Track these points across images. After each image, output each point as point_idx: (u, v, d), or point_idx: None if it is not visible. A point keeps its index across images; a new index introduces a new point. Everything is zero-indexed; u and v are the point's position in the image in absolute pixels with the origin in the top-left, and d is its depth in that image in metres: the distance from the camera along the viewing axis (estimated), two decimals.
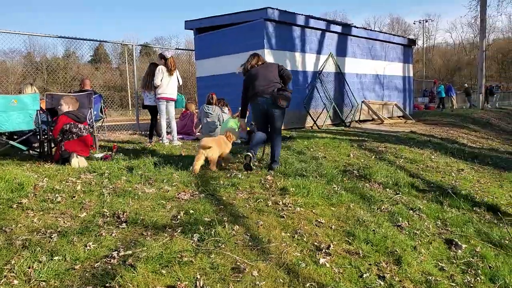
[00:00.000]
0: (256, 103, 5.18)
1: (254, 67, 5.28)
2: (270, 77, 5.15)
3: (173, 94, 7.14)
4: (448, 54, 65.17)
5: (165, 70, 6.96)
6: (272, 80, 5.13)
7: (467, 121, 15.39)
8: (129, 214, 3.44)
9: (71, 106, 5.26)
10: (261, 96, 5.10)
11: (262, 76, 5.13)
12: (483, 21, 20.05)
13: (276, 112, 5.15)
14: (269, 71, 5.21)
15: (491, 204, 5.01)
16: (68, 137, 4.92)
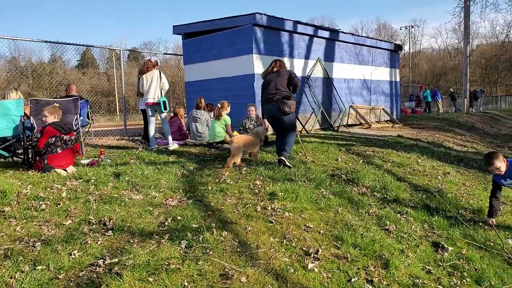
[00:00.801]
0: (266, 108, 5.73)
1: (269, 74, 5.81)
2: (278, 85, 5.59)
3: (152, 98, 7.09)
4: (433, 59, 66.20)
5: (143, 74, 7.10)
6: (279, 89, 5.57)
7: (452, 125, 15.62)
8: (116, 221, 3.39)
9: (56, 115, 5.13)
10: (269, 103, 5.61)
11: (273, 84, 5.63)
12: (466, 27, 20.41)
13: (283, 117, 5.57)
14: (279, 79, 5.65)
15: (476, 207, 5.07)
16: (52, 150, 4.82)
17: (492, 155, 4.47)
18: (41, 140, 4.85)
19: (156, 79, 7.09)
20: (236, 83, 9.53)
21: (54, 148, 4.82)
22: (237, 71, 9.45)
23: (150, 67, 7.12)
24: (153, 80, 7.08)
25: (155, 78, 7.09)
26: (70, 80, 23.09)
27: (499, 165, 4.35)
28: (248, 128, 7.56)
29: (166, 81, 7.24)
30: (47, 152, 4.81)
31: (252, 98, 9.07)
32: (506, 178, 4.41)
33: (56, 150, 4.84)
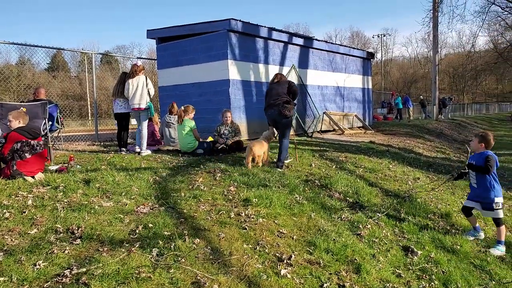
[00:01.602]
0: (268, 113, 6.39)
1: (272, 84, 6.55)
2: (279, 92, 6.26)
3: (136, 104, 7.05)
4: (404, 67, 68.21)
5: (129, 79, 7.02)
6: (280, 95, 6.22)
7: (422, 131, 16.07)
8: (85, 229, 3.29)
9: (21, 120, 4.93)
10: (271, 108, 6.25)
11: (274, 92, 6.30)
12: (435, 37, 21.14)
13: (282, 120, 6.22)
14: (280, 87, 6.34)
15: (444, 211, 5.22)
16: (20, 156, 4.64)
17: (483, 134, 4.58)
18: (5, 146, 4.66)
19: (142, 84, 7.04)
20: (211, 88, 9.49)
21: (22, 153, 4.64)
22: (212, 77, 9.43)
23: (137, 71, 7.06)
24: (139, 85, 7.02)
25: (141, 83, 7.03)
26: (39, 83, 22.40)
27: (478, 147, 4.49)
28: (223, 134, 7.54)
29: (152, 86, 7.20)
30: (14, 158, 4.63)
31: (227, 104, 9.06)
32: (472, 159, 4.57)
33: (25, 156, 4.66)
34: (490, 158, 4.33)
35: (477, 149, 4.51)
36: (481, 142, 4.47)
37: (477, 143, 4.49)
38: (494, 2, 19.98)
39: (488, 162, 4.29)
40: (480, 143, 4.47)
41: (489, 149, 4.48)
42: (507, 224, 5.24)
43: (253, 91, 9.90)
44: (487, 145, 4.46)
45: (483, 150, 4.46)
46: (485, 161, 4.33)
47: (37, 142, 4.86)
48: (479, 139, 4.49)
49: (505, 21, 25.68)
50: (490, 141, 4.46)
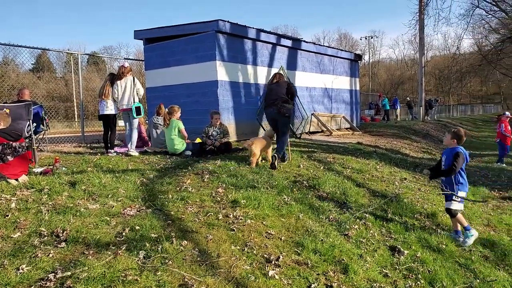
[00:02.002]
0: (267, 112, 6.81)
1: (272, 84, 6.86)
2: (278, 93, 6.61)
3: (126, 105, 7.09)
4: (392, 69, 68.97)
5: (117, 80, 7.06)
6: (279, 95, 6.57)
7: (409, 132, 16.26)
8: (70, 232, 3.25)
9: (2, 122, 4.85)
10: (270, 107, 6.63)
11: (274, 92, 6.65)
12: (421, 39, 21.42)
13: (281, 119, 6.60)
14: (279, 88, 6.68)
15: (430, 211, 5.28)
16: (2, 158, 4.55)
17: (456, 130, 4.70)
18: None
19: (130, 85, 7.09)
20: (199, 89, 9.46)
21: (4, 156, 4.55)
22: (200, 78, 9.39)
23: (125, 73, 7.11)
24: (127, 86, 7.08)
25: (129, 84, 7.09)
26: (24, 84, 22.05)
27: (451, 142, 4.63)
28: (211, 135, 7.51)
29: (141, 86, 7.25)
30: None
31: (216, 105, 9.03)
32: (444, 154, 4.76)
33: (7, 158, 4.57)
34: (459, 155, 4.46)
35: (450, 144, 4.67)
36: (453, 138, 4.62)
37: (450, 139, 4.65)
38: (479, 5, 20.37)
39: (456, 160, 4.43)
40: (453, 139, 4.62)
41: (460, 145, 4.63)
42: (491, 223, 5.33)
43: (241, 92, 9.90)
44: (459, 141, 4.61)
45: (455, 145, 4.61)
46: (453, 158, 4.47)
47: (20, 144, 4.77)
48: (452, 135, 4.65)
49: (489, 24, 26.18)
50: (462, 137, 4.63)
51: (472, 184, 7.35)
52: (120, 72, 7.14)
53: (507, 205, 6.33)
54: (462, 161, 4.49)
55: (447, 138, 4.70)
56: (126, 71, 7.12)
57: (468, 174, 8.47)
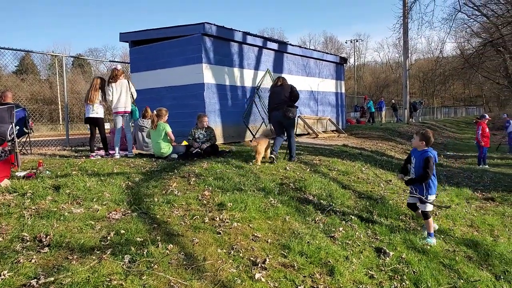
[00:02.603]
0: (272, 115, 7.22)
1: (276, 87, 7.24)
2: (282, 96, 7.04)
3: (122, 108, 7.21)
4: (377, 72, 69.75)
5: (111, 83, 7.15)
6: (283, 99, 7.02)
7: (394, 134, 16.46)
8: (53, 237, 3.20)
9: None
10: (276, 110, 7.07)
11: (278, 95, 7.09)
12: (405, 42, 21.73)
13: (286, 121, 7.10)
14: (284, 91, 7.07)
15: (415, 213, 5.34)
16: None
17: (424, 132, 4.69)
18: None
19: (125, 88, 7.22)
20: (185, 92, 9.42)
21: None
22: (186, 80, 9.36)
23: (119, 75, 7.21)
24: (122, 89, 7.20)
25: (125, 87, 7.22)
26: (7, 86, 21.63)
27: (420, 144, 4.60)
28: (198, 138, 7.48)
29: (134, 90, 7.40)
30: None
31: (202, 108, 9.01)
32: (413, 155, 4.71)
33: None
34: (429, 160, 4.46)
35: (418, 146, 4.65)
36: (422, 140, 4.61)
37: (418, 140, 4.64)
38: (461, 10, 20.73)
39: (427, 166, 4.43)
40: (421, 141, 4.61)
41: (429, 146, 4.62)
42: (474, 223, 5.42)
43: (228, 95, 9.89)
44: (427, 142, 4.61)
45: (424, 147, 4.60)
46: (424, 163, 4.47)
47: (2, 149, 4.69)
48: (420, 137, 4.64)
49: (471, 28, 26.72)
50: (430, 138, 4.63)
51: (455, 185, 7.49)
52: (113, 75, 7.22)
53: (489, 206, 6.45)
54: (433, 165, 4.51)
55: (416, 140, 4.68)
56: (119, 73, 7.23)
57: (452, 175, 8.68)
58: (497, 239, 4.94)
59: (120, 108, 7.17)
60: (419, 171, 4.55)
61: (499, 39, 19.64)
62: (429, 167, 4.44)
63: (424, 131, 4.77)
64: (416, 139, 4.67)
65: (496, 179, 8.51)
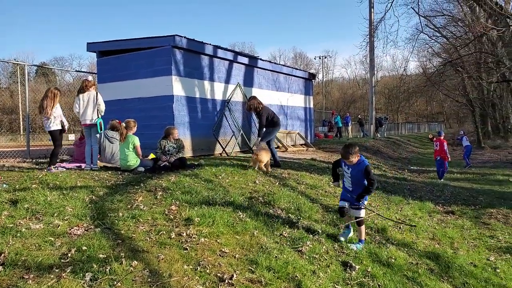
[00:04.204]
0: (277, 129, 8.62)
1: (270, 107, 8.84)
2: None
3: (89, 120, 7.05)
4: (344, 88, 71.64)
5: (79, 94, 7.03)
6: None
7: (360, 149, 16.69)
8: (8, 255, 3.03)
9: None
10: (279, 125, 8.71)
11: (275, 113, 8.75)
12: (371, 60, 22.49)
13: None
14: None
15: (380, 226, 5.46)
16: None
17: (352, 150, 4.52)
18: None
19: (92, 100, 7.03)
20: (154, 104, 9.29)
21: None
22: (155, 92, 9.25)
23: (88, 86, 7.04)
24: (89, 101, 7.02)
25: (92, 99, 7.03)
26: None
27: (353, 160, 4.52)
28: (167, 151, 7.37)
29: (102, 102, 7.18)
30: None
31: (171, 120, 8.91)
32: (347, 165, 4.66)
33: None
34: (369, 168, 4.51)
35: (355, 160, 4.52)
36: (356, 154, 4.49)
37: (356, 158, 4.52)
38: (423, 31, 21.71)
39: (369, 174, 4.47)
40: (356, 154, 4.50)
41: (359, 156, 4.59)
42: (436, 236, 5.60)
43: (198, 107, 9.84)
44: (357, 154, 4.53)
45: (358, 158, 4.53)
46: (366, 173, 4.47)
47: None
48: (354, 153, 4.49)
49: (432, 49, 28.06)
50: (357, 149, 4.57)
51: (419, 199, 7.73)
52: (83, 86, 7.07)
53: (450, 219, 6.69)
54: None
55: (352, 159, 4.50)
56: (89, 84, 7.07)
57: (415, 189, 8.95)
58: (457, 251, 5.13)
59: (86, 120, 7.02)
60: (359, 181, 4.57)
61: (458, 59, 20.65)
62: (373, 178, 4.49)
63: (352, 146, 4.57)
64: (354, 157, 4.50)
65: (456, 193, 8.85)
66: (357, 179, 4.62)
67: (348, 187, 4.73)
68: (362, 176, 4.56)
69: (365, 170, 4.51)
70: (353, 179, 4.65)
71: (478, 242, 5.67)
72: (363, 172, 4.52)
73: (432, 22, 22.73)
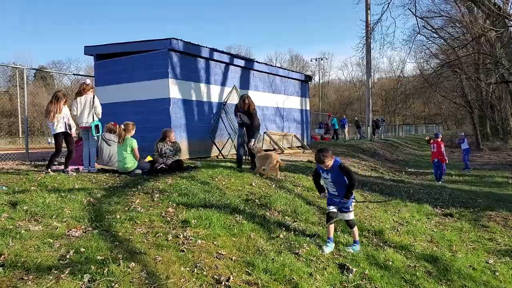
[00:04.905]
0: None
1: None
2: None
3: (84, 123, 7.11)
4: (341, 90, 71.77)
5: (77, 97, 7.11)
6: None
7: (357, 151, 16.89)
8: (8, 256, 3.06)
9: None
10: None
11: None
12: (368, 62, 22.58)
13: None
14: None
15: (377, 229, 5.48)
16: None
17: (325, 153, 4.49)
18: None
19: (89, 103, 7.12)
20: (150, 106, 9.33)
21: None
22: (153, 95, 9.28)
23: (86, 90, 7.13)
24: (86, 104, 7.11)
25: (88, 102, 7.12)
26: None
27: (328, 163, 4.48)
28: (164, 153, 7.40)
29: (99, 105, 7.26)
30: None
31: (168, 122, 8.94)
32: (325, 171, 4.62)
33: None
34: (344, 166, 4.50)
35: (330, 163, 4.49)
36: (330, 157, 4.48)
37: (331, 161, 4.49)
38: (420, 32, 21.70)
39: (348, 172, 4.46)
40: (331, 158, 4.49)
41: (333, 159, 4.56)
42: (434, 239, 5.61)
43: (194, 110, 9.88)
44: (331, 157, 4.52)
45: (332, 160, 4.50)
46: (344, 171, 4.46)
47: None
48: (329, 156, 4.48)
49: (430, 50, 28.05)
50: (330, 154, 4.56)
51: (416, 202, 7.72)
52: (80, 89, 7.18)
53: (448, 221, 6.68)
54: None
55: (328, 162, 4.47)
56: (87, 88, 7.17)
57: (413, 191, 8.98)
58: (455, 254, 5.09)
59: (83, 123, 7.09)
60: (340, 183, 4.54)
61: (456, 61, 20.70)
62: (350, 172, 4.49)
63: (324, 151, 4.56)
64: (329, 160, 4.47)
65: (454, 196, 8.86)
66: (338, 182, 4.56)
67: (333, 192, 4.67)
68: (342, 177, 4.50)
69: (339, 167, 4.45)
70: (335, 183, 4.58)
71: (477, 244, 5.63)
72: (339, 171, 4.46)
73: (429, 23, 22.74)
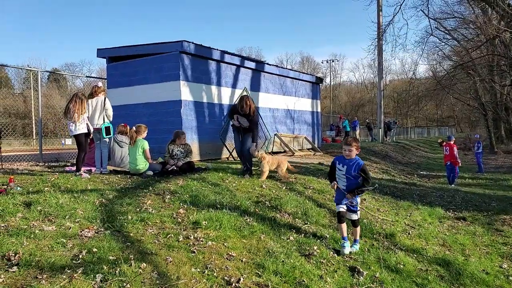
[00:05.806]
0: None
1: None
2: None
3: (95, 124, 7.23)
4: (352, 92, 71.41)
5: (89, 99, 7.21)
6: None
7: (369, 153, 16.78)
8: (22, 256, 3.11)
9: None
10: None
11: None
12: (380, 64, 22.41)
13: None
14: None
15: (389, 232, 5.44)
16: None
17: (356, 141, 4.58)
18: None
19: (100, 105, 7.23)
20: (162, 109, 9.41)
21: None
22: (164, 97, 9.36)
23: (97, 92, 7.26)
24: (97, 106, 7.23)
25: (99, 104, 7.24)
26: None
27: (352, 150, 4.47)
28: (175, 155, 7.45)
29: (110, 107, 7.38)
30: None
31: (179, 124, 9.01)
32: (341, 163, 4.58)
33: None
34: (365, 167, 4.48)
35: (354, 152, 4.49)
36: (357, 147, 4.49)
37: (355, 149, 4.49)
38: (432, 33, 21.51)
39: (366, 172, 4.43)
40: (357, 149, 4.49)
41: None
42: (446, 243, 5.55)
43: (205, 112, 9.93)
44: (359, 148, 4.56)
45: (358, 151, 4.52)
46: (362, 171, 4.43)
47: None
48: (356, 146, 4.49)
49: (443, 51, 27.74)
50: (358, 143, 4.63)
51: (428, 205, 7.63)
52: (92, 91, 7.30)
53: (461, 225, 6.59)
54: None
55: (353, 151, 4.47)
56: (99, 90, 7.29)
57: (425, 194, 8.88)
58: (468, 259, 5.02)
59: (94, 124, 7.20)
60: (354, 178, 4.50)
61: (469, 62, 20.45)
62: (368, 173, 4.47)
63: (356, 140, 4.64)
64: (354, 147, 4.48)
65: (467, 199, 8.73)
66: (350, 178, 4.51)
67: (343, 186, 4.60)
68: (356, 174, 4.47)
69: (362, 168, 4.44)
70: (347, 178, 4.53)
71: (490, 249, 5.54)
72: (360, 170, 4.44)
73: (442, 25, 22.50)
